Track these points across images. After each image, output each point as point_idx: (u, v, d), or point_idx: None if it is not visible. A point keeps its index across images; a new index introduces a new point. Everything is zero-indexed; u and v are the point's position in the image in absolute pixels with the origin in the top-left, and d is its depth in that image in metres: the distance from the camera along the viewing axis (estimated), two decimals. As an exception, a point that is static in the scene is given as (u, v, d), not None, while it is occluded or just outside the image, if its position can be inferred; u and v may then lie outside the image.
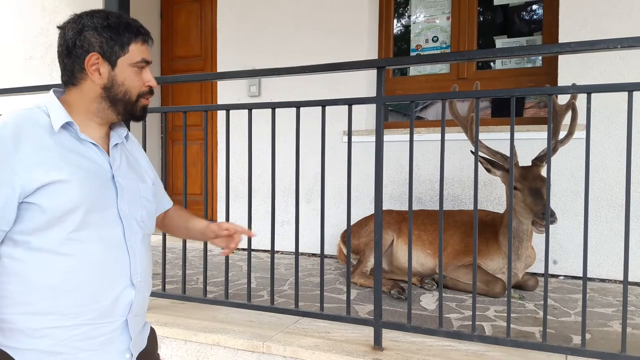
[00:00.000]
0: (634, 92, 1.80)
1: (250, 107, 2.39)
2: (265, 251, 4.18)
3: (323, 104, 2.19)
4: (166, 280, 2.58)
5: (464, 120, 2.87)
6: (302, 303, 2.52)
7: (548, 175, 1.96)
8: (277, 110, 2.33)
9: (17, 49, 5.57)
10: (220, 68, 4.50)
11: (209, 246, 3.64)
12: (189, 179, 5.23)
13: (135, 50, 1.25)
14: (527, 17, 4.09)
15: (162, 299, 2.55)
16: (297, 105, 2.25)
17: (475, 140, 2.05)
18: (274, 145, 2.32)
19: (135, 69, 1.26)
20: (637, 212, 3.21)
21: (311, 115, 2.66)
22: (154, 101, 5.66)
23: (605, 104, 3.23)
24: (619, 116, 3.22)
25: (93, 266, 1.16)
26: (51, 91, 1.26)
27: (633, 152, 3.11)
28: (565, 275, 3.38)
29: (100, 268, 1.17)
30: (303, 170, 3.21)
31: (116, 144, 1.30)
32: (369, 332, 2.10)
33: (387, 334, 2.10)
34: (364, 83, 3.99)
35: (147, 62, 1.28)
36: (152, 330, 1.43)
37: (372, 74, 3.88)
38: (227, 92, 4.46)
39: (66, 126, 1.19)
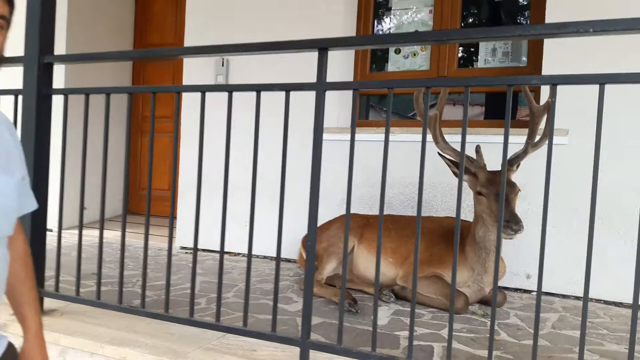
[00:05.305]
0: (606, 85, 1.55)
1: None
2: (227, 253, 3.90)
3: (258, 89, 1.94)
4: (102, 281, 2.30)
5: (430, 119, 2.61)
6: (240, 314, 2.25)
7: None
8: (244, 103, 2.08)
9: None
10: (187, 57, 4.24)
11: (156, 244, 3.33)
12: (158, 173, 5.04)
13: None
14: (513, 13, 3.84)
15: (76, 305, 2.26)
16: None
17: (439, 141, 1.79)
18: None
19: None
20: (613, 227, 2.94)
21: (278, 108, 2.40)
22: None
23: (591, 105, 2.96)
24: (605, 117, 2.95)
25: None
26: None
27: (617, 154, 2.86)
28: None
29: None
30: (269, 168, 2.98)
31: None
32: (298, 352, 1.84)
33: (318, 355, 1.84)
34: (337, 71, 3.72)
35: None
36: (10, 346, 1.17)
37: (346, 60, 3.65)
38: (195, 82, 4.20)
39: None
